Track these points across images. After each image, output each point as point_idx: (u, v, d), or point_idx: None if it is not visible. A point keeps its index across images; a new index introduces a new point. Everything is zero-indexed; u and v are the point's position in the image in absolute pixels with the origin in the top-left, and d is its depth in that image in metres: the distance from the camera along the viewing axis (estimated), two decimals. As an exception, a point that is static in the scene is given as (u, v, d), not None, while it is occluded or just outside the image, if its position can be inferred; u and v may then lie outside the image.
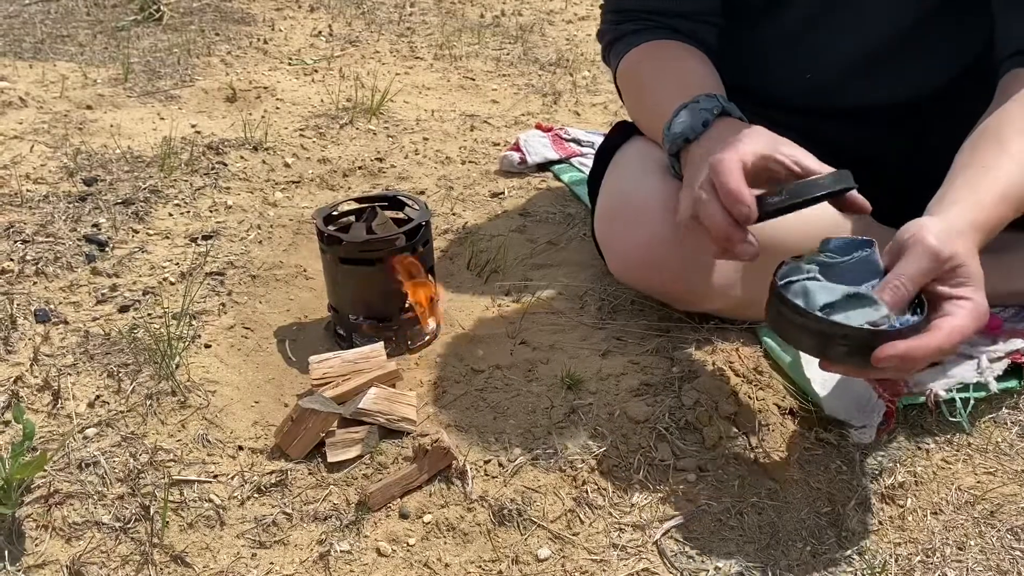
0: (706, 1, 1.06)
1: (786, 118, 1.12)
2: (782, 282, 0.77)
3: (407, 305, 1.04)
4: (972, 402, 0.93)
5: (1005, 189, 0.82)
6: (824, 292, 0.76)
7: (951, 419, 0.92)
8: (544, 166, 1.57)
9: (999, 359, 0.96)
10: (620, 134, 1.15)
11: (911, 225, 0.77)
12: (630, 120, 1.16)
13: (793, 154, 0.83)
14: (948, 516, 0.83)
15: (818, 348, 0.75)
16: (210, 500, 0.83)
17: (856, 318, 0.74)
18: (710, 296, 1.01)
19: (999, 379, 0.95)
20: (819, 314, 0.74)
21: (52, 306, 1.09)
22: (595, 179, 1.16)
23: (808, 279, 0.77)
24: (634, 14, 1.08)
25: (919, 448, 0.90)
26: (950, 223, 0.77)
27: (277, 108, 1.80)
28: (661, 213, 0.96)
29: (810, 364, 0.97)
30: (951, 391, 0.93)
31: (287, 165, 1.53)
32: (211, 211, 1.35)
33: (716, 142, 0.86)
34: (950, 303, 0.74)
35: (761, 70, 1.11)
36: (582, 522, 0.82)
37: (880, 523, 0.82)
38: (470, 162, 1.60)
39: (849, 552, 0.79)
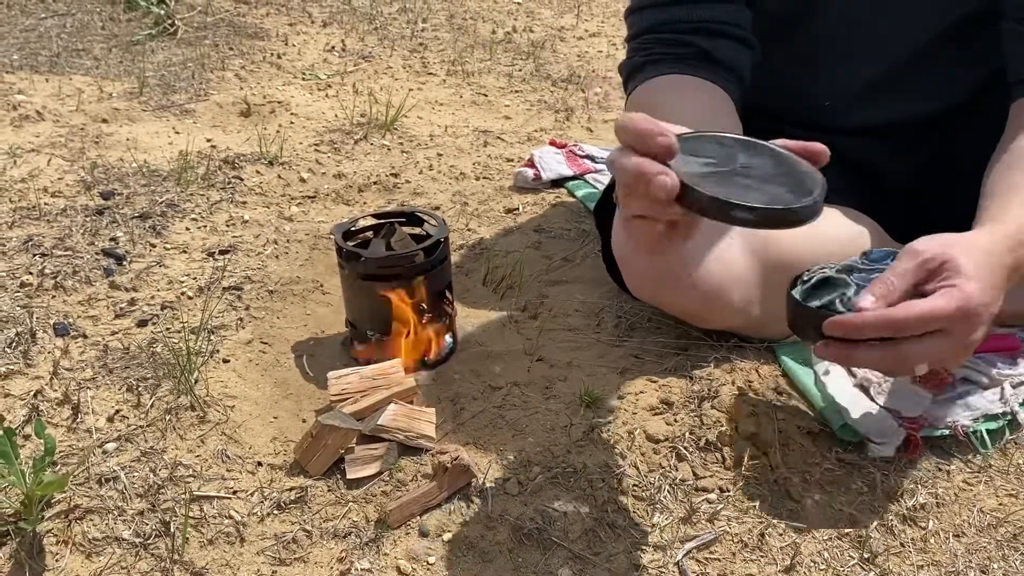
0: (725, 10, 1.01)
1: (801, 133, 1.13)
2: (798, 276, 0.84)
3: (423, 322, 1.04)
4: (1007, 434, 0.93)
5: None
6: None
7: (981, 451, 0.91)
8: (558, 182, 1.57)
9: (1021, 384, 0.95)
10: None
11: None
12: None
13: None
14: (971, 539, 0.83)
15: (799, 329, 0.82)
16: (230, 516, 0.83)
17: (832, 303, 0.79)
18: (728, 314, 1.01)
19: (1022, 404, 0.94)
20: (795, 296, 0.80)
21: (71, 320, 1.09)
22: (602, 209, 1.16)
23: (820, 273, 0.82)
24: (651, 38, 1.05)
25: (940, 469, 0.90)
26: (964, 236, 0.79)
27: (291, 123, 1.81)
28: None
29: (831, 382, 0.96)
30: (977, 421, 0.92)
31: (303, 180, 1.54)
32: (228, 225, 1.36)
33: None
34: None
35: (776, 91, 1.11)
36: (603, 542, 0.81)
37: (902, 545, 0.82)
38: (484, 178, 1.61)
39: (872, 575, 0.79)
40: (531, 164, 1.59)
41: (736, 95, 1.02)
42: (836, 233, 1.02)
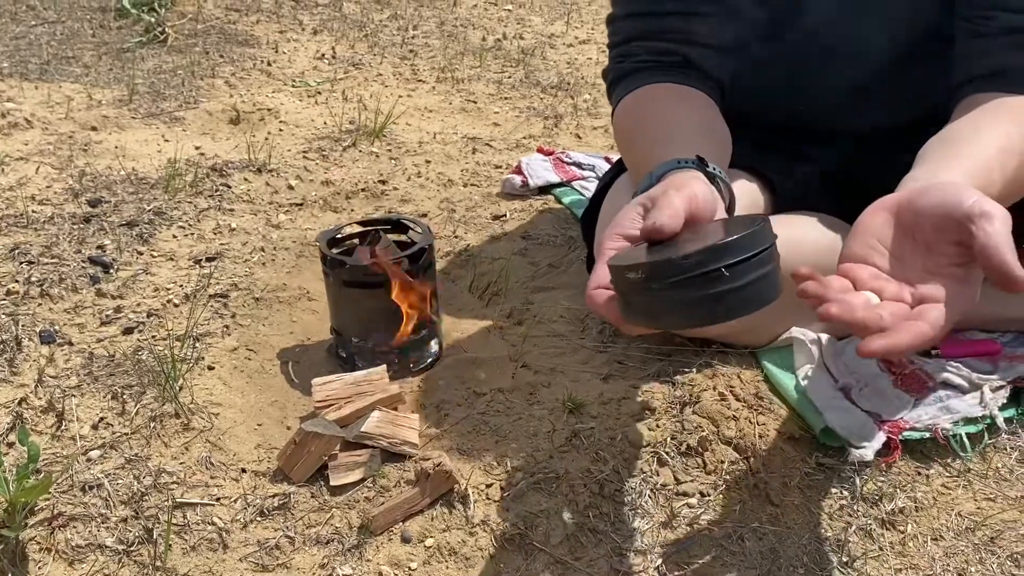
0: (707, 22, 1.02)
1: (781, 141, 1.14)
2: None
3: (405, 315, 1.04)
4: (985, 437, 0.94)
5: (990, 155, 0.78)
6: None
7: (961, 455, 0.92)
8: (546, 189, 1.58)
9: (1000, 388, 0.96)
10: (615, 169, 1.16)
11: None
12: None
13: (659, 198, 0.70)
14: (949, 542, 0.83)
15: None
16: (213, 523, 0.83)
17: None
18: None
19: (1002, 408, 0.95)
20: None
21: (57, 327, 1.10)
22: (588, 217, 1.17)
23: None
24: (637, 45, 1.05)
25: (919, 474, 0.91)
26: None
27: (280, 130, 1.82)
28: None
29: (812, 386, 0.97)
30: (957, 424, 0.93)
31: (290, 187, 1.54)
32: (215, 233, 1.36)
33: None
34: None
35: (755, 98, 1.12)
36: (584, 547, 0.82)
37: (881, 549, 0.82)
38: (472, 184, 1.61)
39: (850, 578, 0.79)
40: (519, 171, 1.60)
41: (719, 104, 1.03)
42: (815, 239, 1.03)
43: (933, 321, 0.61)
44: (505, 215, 1.49)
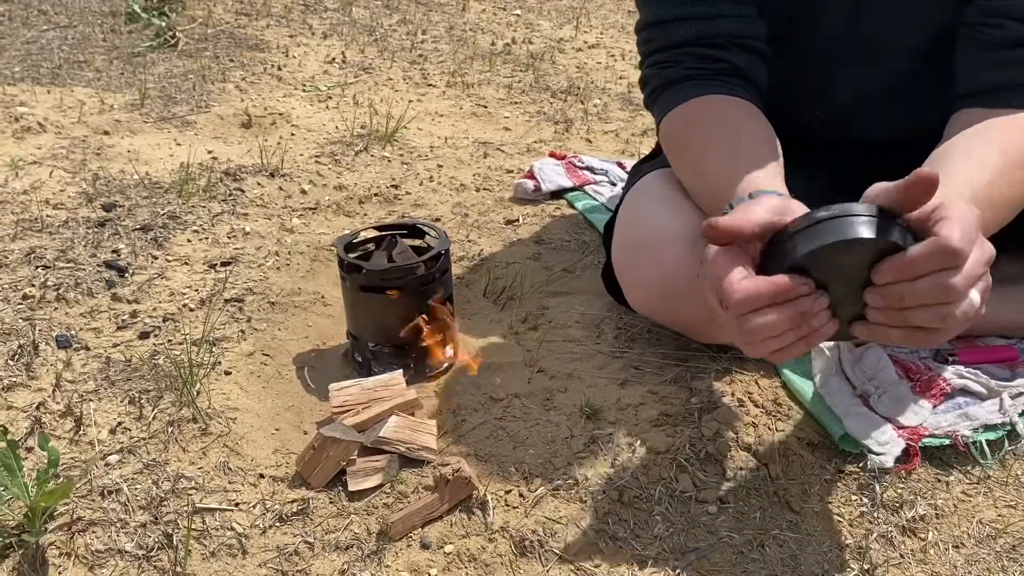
0: (748, 23, 1.00)
1: (793, 147, 1.14)
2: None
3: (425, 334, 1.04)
4: (1005, 444, 0.94)
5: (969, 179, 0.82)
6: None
7: (981, 462, 0.92)
8: (558, 194, 1.58)
9: (1019, 395, 0.96)
10: (634, 177, 1.16)
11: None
12: (644, 165, 1.16)
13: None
14: (970, 550, 0.83)
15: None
16: (232, 528, 0.83)
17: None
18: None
19: (1021, 415, 0.95)
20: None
21: (73, 332, 1.10)
22: (612, 227, 1.16)
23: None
24: (682, 52, 1.01)
25: (939, 480, 0.91)
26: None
27: (292, 134, 1.82)
28: (677, 245, 0.96)
29: (829, 393, 0.97)
30: (976, 431, 0.93)
31: (304, 191, 1.55)
32: (229, 237, 1.36)
33: None
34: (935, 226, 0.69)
35: (775, 103, 1.12)
36: (604, 554, 0.82)
37: (902, 556, 0.82)
38: (484, 189, 1.61)
39: (872, 586, 0.79)
40: (531, 175, 1.60)
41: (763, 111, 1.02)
42: None
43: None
44: (518, 220, 1.49)
